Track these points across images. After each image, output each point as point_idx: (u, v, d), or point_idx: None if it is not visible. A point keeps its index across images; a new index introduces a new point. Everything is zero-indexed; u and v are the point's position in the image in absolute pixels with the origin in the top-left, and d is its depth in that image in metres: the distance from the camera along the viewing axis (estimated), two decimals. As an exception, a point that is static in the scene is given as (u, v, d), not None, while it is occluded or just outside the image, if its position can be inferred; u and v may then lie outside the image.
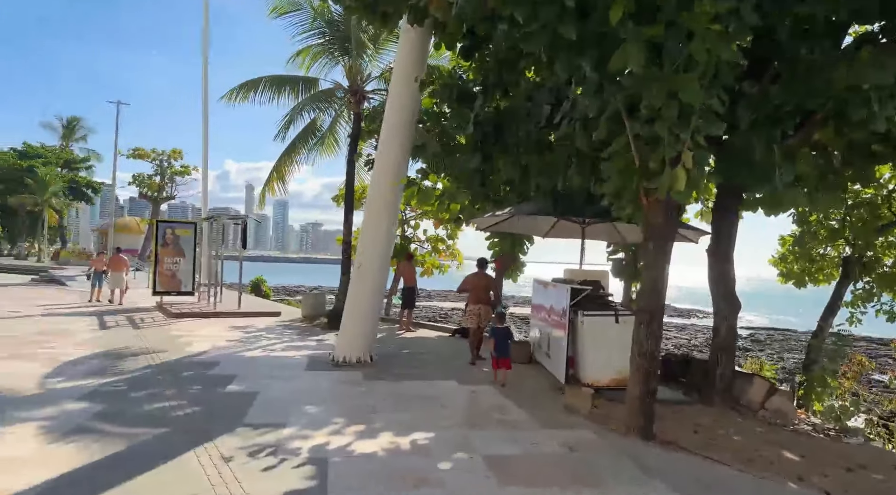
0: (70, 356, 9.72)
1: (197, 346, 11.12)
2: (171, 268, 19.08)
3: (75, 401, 6.78)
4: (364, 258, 10.09)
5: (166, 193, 37.34)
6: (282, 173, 14.86)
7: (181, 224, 19.66)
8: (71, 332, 12.47)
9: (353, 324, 10.01)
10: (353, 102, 14.34)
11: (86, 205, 64.66)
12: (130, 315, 16.23)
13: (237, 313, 16.65)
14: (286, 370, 9.23)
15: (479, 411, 7.19)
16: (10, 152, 54.03)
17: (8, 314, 15.39)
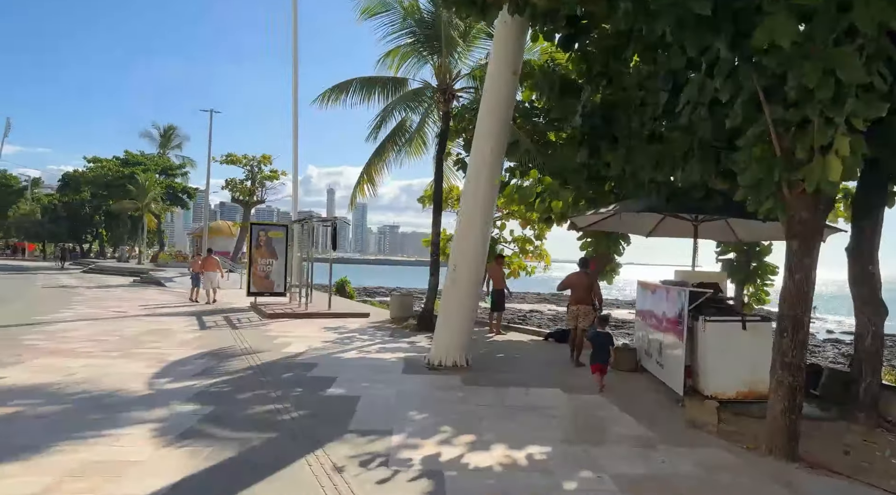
0: (174, 356, 9.95)
1: (294, 347, 11.17)
2: (264, 269, 19.56)
3: (184, 403, 6.81)
4: (459, 260, 9.79)
5: (257, 197, 38.73)
6: (371, 175, 14.85)
7: (274, 226, 20.15)
8: (173, 332, 12.88)
9: (448, 327, 9.73)
10: (442, 101, 14.12)
11: (181, 209, 68.30)
12: (227, 315, 16.70)
13: (328, 314, 16.81)
14: (383, 373, 9.06)
15: (594, 423, 6.70)
16: (113, 160, 57.84)
17: (114, 314, 16.19)
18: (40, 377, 7.86)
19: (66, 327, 13.02)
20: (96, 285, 28.23)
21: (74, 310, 16.82)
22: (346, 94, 14.31)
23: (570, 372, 9.49)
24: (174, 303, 20.77)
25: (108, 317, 15.44)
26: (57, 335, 11.76)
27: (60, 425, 5.76)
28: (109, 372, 8.38)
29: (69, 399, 6.82)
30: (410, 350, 11.35)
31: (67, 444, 5.17)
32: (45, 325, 13.21)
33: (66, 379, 7.82)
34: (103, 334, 12.15)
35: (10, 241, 76.39)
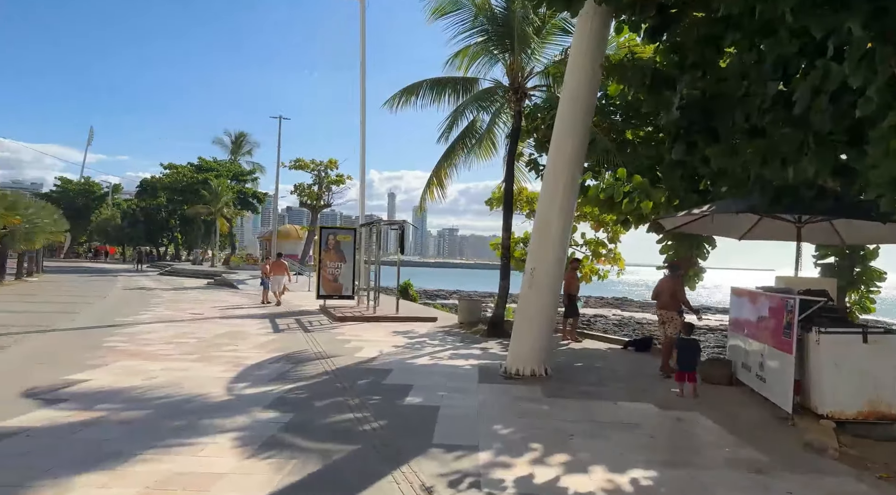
0: (251, 359, 9.94)
1: (366, 352, 11.01)
2: (333, 272, 19.66)
3: (263, 409, 6.68)
4: (537, 263, 9.36)
5: (323, 201, 39.37)
6: (440, 178, 14.60)
7: (343, 230, 20.24)
8: (248, 335, 12.99)
9: (525, 333, 9.31)
10: (514, 100, 13.72)
11: (251, 213, 70.44)
12: (298, 318, 16.81)
13: (396, 318, 16.66)
14: (459, 381, 8.73)
15: (698, 445, 6.14)
16: (187, 166, 60.19)
17: (191, 316, 16.55)
18: (122, 380, 7.94)
19: (145, 329, 13.34)
20: (173, 287, 29.24)
21: (153, 311, 17.33)
22: (416, 96, 14.12)
23: (659, 385, 8.89)
24: (246, 304, 21.17)
25: (185, 319, 15.79)
26: (137, 337, 12.03)
27: (143, 431, 5.70)
28: (189, 376, 8.40)
29: (151, 403, 6.81)
30: (483, 357, 10.99)
31: (151, 453, 5.07)
32: (126, 327, 13.59)
33: (147, 382, 7.87)
34: (181, 336, 12.36)
35: (92, 245, 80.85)
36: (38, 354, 9.78)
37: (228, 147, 66.42)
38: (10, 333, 11.89)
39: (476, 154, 14.86)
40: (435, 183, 14.60)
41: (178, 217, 62.47)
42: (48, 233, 31.21)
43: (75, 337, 12.04)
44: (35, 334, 11.99)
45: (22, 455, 4.93)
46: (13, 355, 9.58)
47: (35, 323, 13.68)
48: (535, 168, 13.52)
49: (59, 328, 13.12)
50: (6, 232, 25.04)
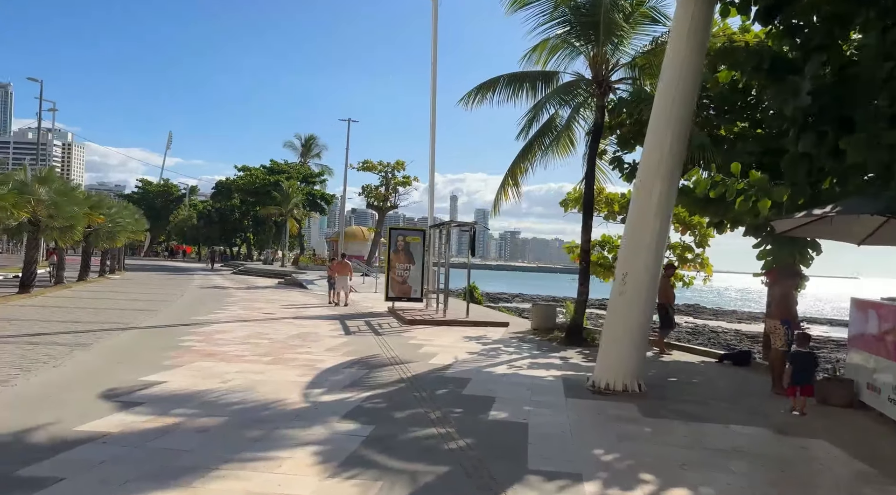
0: (325, 362, 9.65)
1: (440, 358, 10.54)
2: (402, 274, 19.37)
3: (341, 420, 6.28)
4: (630, 268, 8.61)
5: (390, 203, 39.43)
6: (516, 178, 13.98)
7: (412, 231, 19.94)
8: (320, 336, 12.78)
9: (616, 344, 8.58)
10: (598, 94, 12.96)
11: (319, 215, 71.78)
12: (368, 320, 16.57)
13: (467, 322, 16.15)
14: (544, 394, 8.11)
15: (839, 482, 5.29)
16: (260, 169, 61.88)
17: (264, 316, 16.58)
18: (198, 383, 7.75)
19: (220, 329, 13.35)
20: (246, 286, 29.81)
21: (227, 310, 17.49)
22: (494, 92, 13.56)
23: (771, 405, 7.98)
24: (315, 304, 21.20)
25: (258, 319, 15.81)
26: (212, 337, 12.00)
27: (219, 442, 5.39)
28: (264, 379, 8.14)
29: (227, 409, 6.53)
30: (565, 367, 10.32)
31: (227, 468, 4.72)
32: (202, 326, 13.65)
33: (222, 386, 7.64)
34: (255, 337, 12.26)
35: (170, 244, 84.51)
36: (117, 353, 9.80)
37: (299, 150, 68.04)
38: (92, 330, 12.09)
39: (553, 152, 14.15)
40: (510, 183, 14.00)
41: (251, 218, 64.31)
42: (129, 232, 32.54)
43: (153, 335, 12.13)
44: (116, 332, 12.15)
45: (97, 465, 4.67)
46: (95, 354, 9.62)
47: (116, 320, 13.95)
48: (619, 166, 12.71)
49: (139, 326, 13.30)
50: (90, 230, 26.12)
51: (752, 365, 11.31)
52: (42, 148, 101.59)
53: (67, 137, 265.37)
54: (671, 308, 12.48)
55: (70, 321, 13.35)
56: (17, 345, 9.83)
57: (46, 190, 18.66)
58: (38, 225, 18.85)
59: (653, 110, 8.68)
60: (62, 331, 11.71)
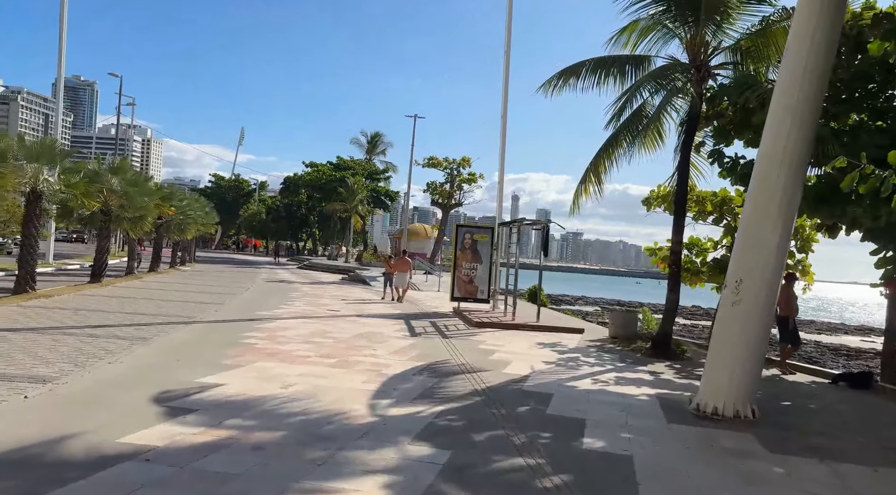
0: (391, 367, 8.90)
1: (515, 367, 9.61)
2: (468, 273, 18.54)
3: (414, 441, 5.45)
4: (745, 274, 7.42)
5: (454, 200, 38.69)
6: (598, 173, 12.83)
7: (480, 229, 19.06)
8: (385, 337, 12.08)
9: (726, 362, 7.42)
10: (695, 80, 11.68)
11: (383, 212, 72.00)
12: (434, 320, 15.80)
13: (538, 327, 15.13)
14: (641, 417, 7.06)
15: None
16: (326, 165, 62.51)
17: (328, 313, 16.07)
18: (257, 387, 7.11)
19: (283, 325, 12.86)
20: (310, 281, 29.72)
21: (292, 306, 17.10)
22: (578, 78, 12.47)
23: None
24: (378, 301, 20.66)
25: (321, 315, 15.31)
26: (275, 334, 11.48)
27: (276, 463, 4.65)
28: (327, 385, 7.44)
29: (286, 421, 5.82)
30: (657, 384, 9.19)
31: (285, 501, 3.95)
32: (265, 322, 13.20)
33: (283, 392, 6.97)
34: (318, 335, 11.68)
35: (239, 238, 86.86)
36: (177, 349, 9.35)
37: (364, 146, 68.34)
38: (155, 324, 11.80)
39: (640, 145, 12.91)
40: (592, 179, 12.86)
41: (317, 213, 65.09)
42: (200, 224, 33.09)
43: (216, 331, 11.72)
44: (179, 326, 11.81)
45: (137, 489, 4.00)
46: (154, 350, 9.20)
47: (181, 313, 13.70)
48: (718, 159, 11.36)
49: (203, 320, 12.97)
50: (162, 222, 26.55)
51: (874, 388, 9.85)
52: (123, 143, 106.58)
53: (147, 134, 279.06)
54: (793, 321, 11.10)
55: (134, 313, 13.16)
56: (78, 337, 9.53)
57: (119, 180, 18.81)
58: (110, 215, 19.05)
59: (776, 89, 7.46)
60: (125, 324, 11.45)
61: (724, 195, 14.55)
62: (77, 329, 10.42)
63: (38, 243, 14.93)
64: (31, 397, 6.00)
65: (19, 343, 8.76)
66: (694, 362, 11.56)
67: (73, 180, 14.82)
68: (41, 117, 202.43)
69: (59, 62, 28.64)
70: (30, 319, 11.13)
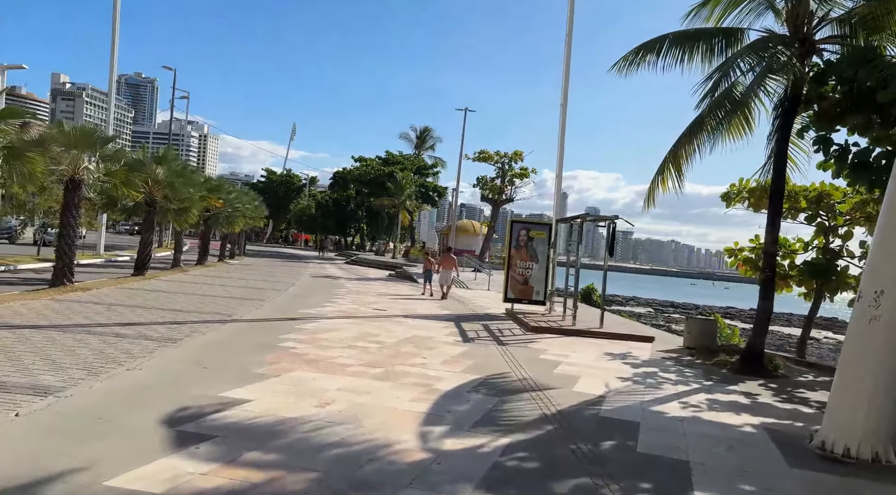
0: (443, 381, 7.74)
1: (587, 384, 8.31)
2: (523, 273, 17.23)
3: (476, 492, 4.26)
4: (886, 285, 5.95)
5: (505, 196, 37.29)
6: (678, 163, 11.33)
7: (537, 225, 17.73)
8: (435, 342, 10.95)
9: (860, 390, 5.95)
10: (797, 55, 10.08)
11: (430, 207, 71.04)
12: (486, 323, 14.59)
13: (601, 333, 13.71)
14: (755, 459, 5.67)
15: None
16: (375, 159, 61.92)
17: (374, 312, 15.06)
18: (289, 405, 6.06)
19: (326, 326, 11.88)
20: (357, 277, 28.94)
21: (336, 304, 16.19)
22: (656, 55, 11.02)
23: None
24: (425, 298, 19.60)
25: (367, 315, 14.31)
26: (317, 336, 10.49)
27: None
28: (371, 404, 6.33)
29: (319, 457, 4.72)
30: (758, 410, 7.72)
31: None
32: (307, 321, 12.26)
33: (318, 412, 5.89)
34: (363, 338, 10.63)
35: (290, 232, 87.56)
36: (206, 353, 8.43)
37: (413, 141, 67.45)
38: (190, 322, 10.98)
39: (724, 131, 11.32)
40: (670, 170, 11.35)
41: (365, 208, 64.63)
42: (248, 217, 32.74)
43: (253, 331, 10.82)
44: (215, 324, 10.97)
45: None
46: (181, 353, 8.31)
47: (220, 310, 12.90)
48: (823, 148, 9.79)
49: (241, 318, 12.11)
50: (210, 214, 26.15)
51: None
52: (179, 138, 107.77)
53: (204, 129, 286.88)
54: None
55: (170, 309, 12.42)
56: (102, 337, 8.72)
57: (163, 170, 18.27)
58: (154, 206, 18.54)
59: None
60: (157, 322, 10.66)
61: (822, 189, 12.80)
62: (105, 327, 9.65)
63: (77, 233, 14.40)
64: (23, 415, 5.09)
65: (38, 343, 7.99)
66: (791, 381, 10.00)
67: (114, 168, 14.21)
68: (104, 113, 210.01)
69: (111, 57, 28.41)
70: (58, 315, 10.47)
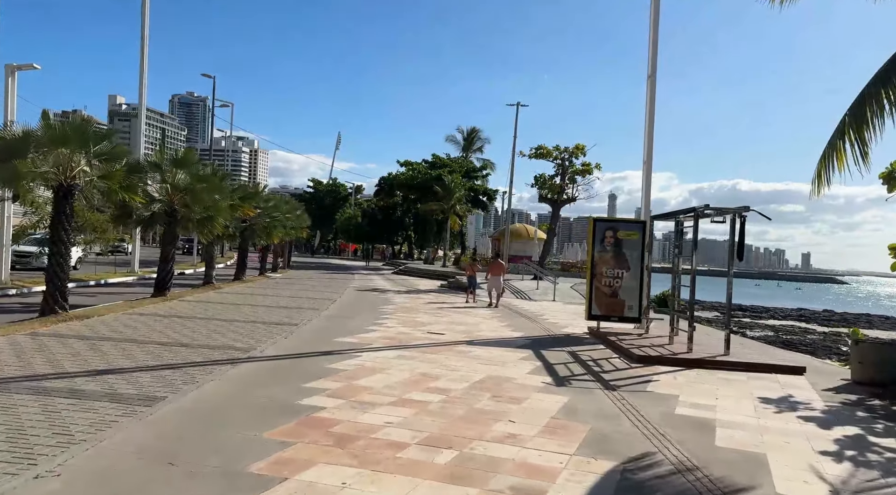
0: (561, 479, 4.63)
1: (787, 475, 5.06)
2: (611, 283, 13.96)
3: None
4: None
5: (566, 195, 33.84)
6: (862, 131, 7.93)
7: (627, 223, 14.41)
8: (519, 387, 7.87)
9: None
10: None
11: (482, 211, 68.00)
12: (572, 350, 11.41)
13: (731, 364, 10.33)
14: None
15: None
16: (422, 163, 59.31)
17: (428, 338, 12.04)
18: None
19: (369, 364, 8.94)
20: (405, 289, 26.13)
21: (383, 326, 13.28)
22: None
23: None
24: (487, 315, 16.54)
25: (421, 342, 11.32)
26: (355, 384, 7.56)
27: None
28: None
29: None
30: None
31: None
32: (345, 357, 9.35)
33: None
34: (418, 386, 7.64)
35: (337, 242, 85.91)
36: (188, 427, 5.59)
37: (460, 144, 64.66)
38: (189, 364, 8.20)
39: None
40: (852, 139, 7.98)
41: (412, 215, 62.08)
42: (289, 227, 30.37)
43: (269, 377, 7.94)
44: (222, 368, 8.17)
45: None
46: (146, 430, 5.47)
47: (237, 342, 10.14)
48: None
49: (260, 355, 9.29)
50: (245, 225, 23.77)
51: None
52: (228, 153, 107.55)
53: (254, 144, 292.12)
54: None
55: (174, 343, 9.72)
56: (44, 403, 5.96)
57: (184, 174, 15.80)
58: (175, 215, 16.07)
59: None
60: (143, 367, 7.91)
61: None
62: (65, 380, 6.95)
63: (70, 250, 11.91)
64: None
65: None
66: None
67: (112, 168, 11.66)
68: (158, 131, 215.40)
69: (140, 78, 26.30)
70: (16, 359, 7.85)
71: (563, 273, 33.44)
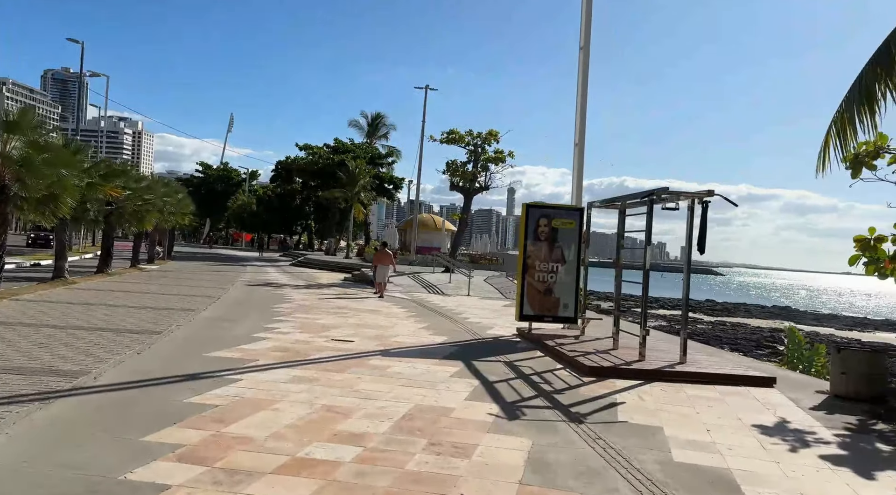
0: None
1: None
2: (545, 278, 12.21)
3: None
4: None
5: (479, 183, 32.18)
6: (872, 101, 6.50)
7: (562, 211, 12.64)
8: (459, 421, 5.76)
9: None
10: None
11: (388, 200, 65.57)
12: (509, 359, 9.46)
13: (696, 375, 8.78)
14: None
15: None
16: (323, 148, 55.96)
17: (332, 348, 9.63)
18: None
19: (251, 394, 6.47)
20: (305, 283, 23.37)
21: (276, 331, 10.74)
22: None
23: None
24: (401, 315, 14.37)
25: (325, 353, 8.94)
26: (226, 432, 5.12)
27: None
28: None
29: None
30: None
31: None
32: (218, 383, 6.82)
33: None
34: (321, 429, 5.32)
35: (228, 231, 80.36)
36: None
37: (364, 129, 61.77)
38: (-35, 407, 5.39)
39: None
40: (865, 108, 6.51)
41: (313, 203, 58.57)
42: (168, 213, 26.60)
43: (92, 425, 5.31)
44: (23, 409, 5.43)
45: None
46: None
47: (66, 362, 7.29)
48: None
49: (88, 386, 6.56)
50: (111, 209, 20.06)
51: None
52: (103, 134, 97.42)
53: (138, 126, 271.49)
54: None
55: (-39, 370, 6.74)
56: None
57: (17, 141, 12.35)
58: (6, 191, 12.56)
59: None
60: None
61: None
62: None
63: None
64: None
65: None
66: None
67: None
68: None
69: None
70: None
71: (472, 265, 31.88)
